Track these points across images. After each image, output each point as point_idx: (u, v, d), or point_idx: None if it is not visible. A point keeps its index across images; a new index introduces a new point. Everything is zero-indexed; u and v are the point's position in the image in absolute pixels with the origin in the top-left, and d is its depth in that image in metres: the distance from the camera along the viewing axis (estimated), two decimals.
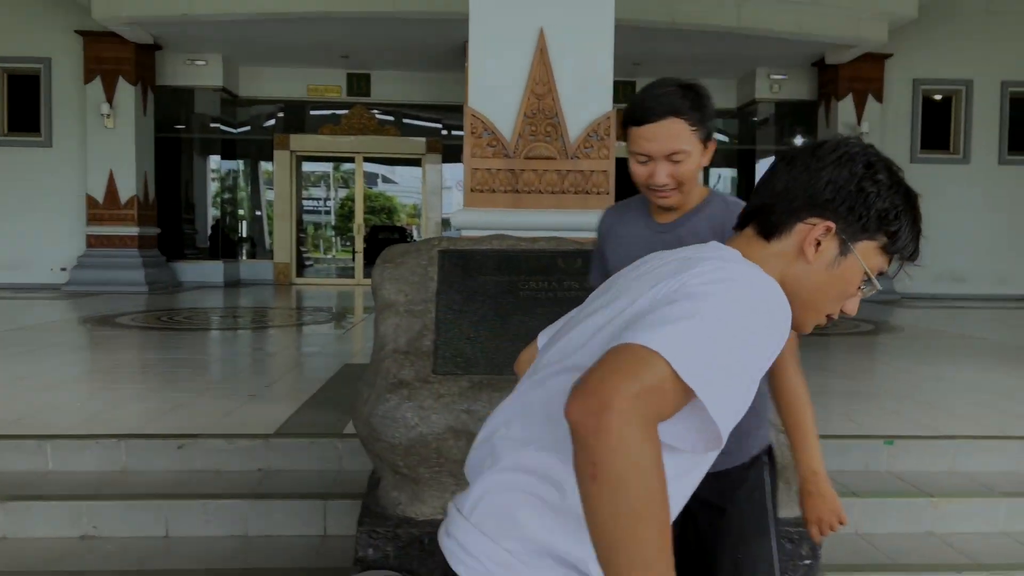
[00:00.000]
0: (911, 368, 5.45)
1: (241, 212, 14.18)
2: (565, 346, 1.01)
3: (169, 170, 12.95)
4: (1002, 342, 7.18)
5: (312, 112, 13.82)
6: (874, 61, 12.08)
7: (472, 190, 3.88)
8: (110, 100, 11.72)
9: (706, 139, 1.55)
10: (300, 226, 15.64)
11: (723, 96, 13.79)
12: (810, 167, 1.02)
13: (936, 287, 12.28)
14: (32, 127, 12.22)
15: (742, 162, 14.00)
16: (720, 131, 14.08)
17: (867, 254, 1.01)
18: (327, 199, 27.10)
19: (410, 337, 2.42)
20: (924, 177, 12.37)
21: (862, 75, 12.21)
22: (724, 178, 14.53)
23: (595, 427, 0.73)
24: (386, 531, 2.23)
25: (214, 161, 13.64)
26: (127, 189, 11.99)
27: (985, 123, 12.76)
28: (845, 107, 12.34)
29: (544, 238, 2.85)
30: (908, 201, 1.02)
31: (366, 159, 14.50)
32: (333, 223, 26.90)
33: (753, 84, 13.05)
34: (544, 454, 0.95)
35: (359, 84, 13.71)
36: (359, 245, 14.31)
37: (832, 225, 1.00)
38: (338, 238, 26.22)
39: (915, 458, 3.44)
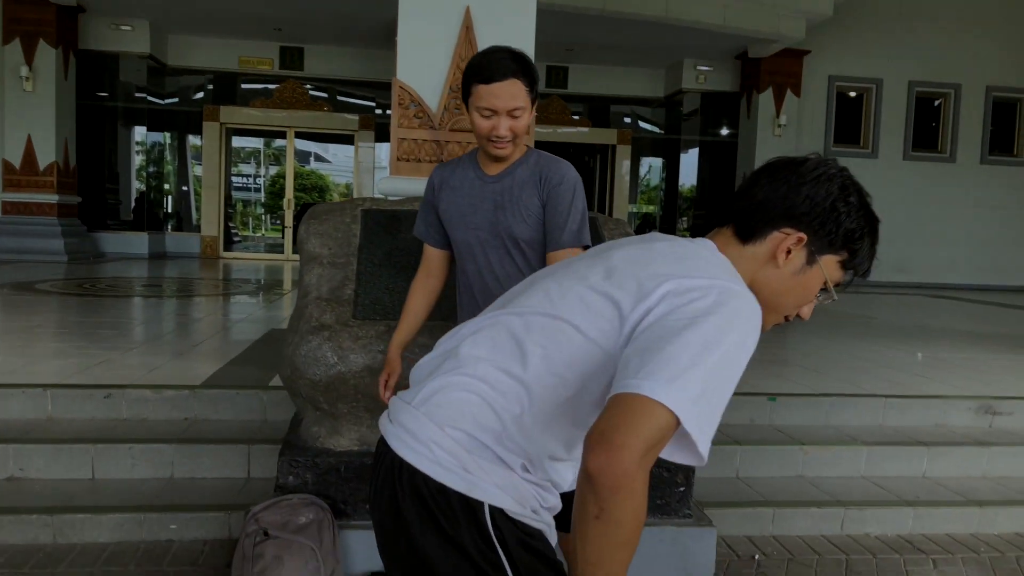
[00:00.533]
0: (803, 339, 5.91)
1: (167, 185, 13.90)
2: (554, 295, 1.09)
3: (92, 138, 12.60)
4: (886, 321, 7.80)
5: (243, 85, 13.64)
6: (793, 57, 12.68)
7: (398, 159, 4.06)
8: (30, 63, 11.32)
9: (534, 100, 1.85)
10: (229, 201, 15.42)
11: (652, 85, 14.22)
12: (791, 182, 1.11)
13: None
14: None
15: (668, 151, 14.46)
16: (648, 120, 14.52)
17: (829, 267, 1.12)
18: (257, 176, 26.63)
19: (332, 286, 2.62)
20: None
21: (782, 69, 12.81)
22: (654, 167, 14.97)
23: (613, 485, 0.84)
24: (305, 460, 2.44)
25: (140, 131, 13.30)
26: (46, 155, 11.63)
27: (893, 120, 13.54)
28: (765, 100, 12.92)
29: None
30: (871, 224, 1.14)
31: (298, 134, 14.38)
32: (263, 200, 26.47)
33: (680, 75, 13.50)
34: (502, 375, 1.04)
35: (292, 58, 13.59)
36: (288, 220, 14.22)
37: (804, 237, 1.10)
38: (268, 216, 25.82)
39: (795, 413, 3.81)
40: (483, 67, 1.79)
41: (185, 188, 14.10)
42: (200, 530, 2.86)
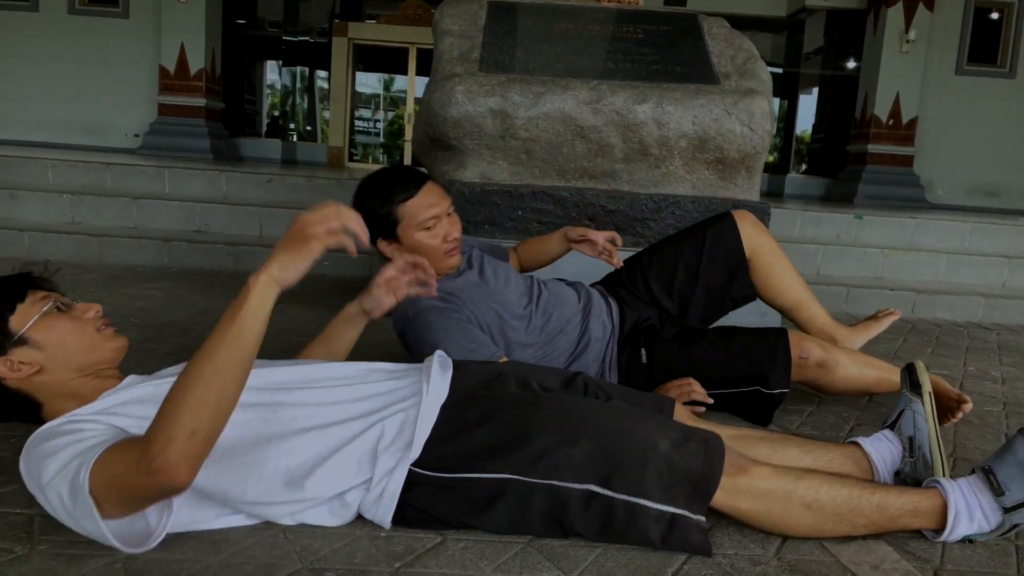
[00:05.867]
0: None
1: (299, 99, 14.92)
2: None
3: (234, 49, 13.67)
4: None
5: (370, 1, 14.37)
6: None
7: None
8: None
9: None
10: (354, 116, 16.33)
11: (774, 4, 13.88)
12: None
13: (968, 200, 12.50)
14: None
15: (786, 89, 14.04)
16: (766, 60, 14.13)
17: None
18: (376, 121, 27.82)
19: (462, 51, 3.09)
20: (968, 90, 12.61)
21: None
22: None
23: None
24: None
25: (277, 46, 14.32)
26: (196, 62, 12.74)
27: None
28: (894, 14, 12.39)
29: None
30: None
31: (420, 50, 15.01)
32: (381, 141, 27.74)
33: None
34: None
35: None
36: (409, 134, 14.97)
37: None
38: (385, 156, 27.08)
39: (879, 230, 4.04)
40: (398, 183, 1.62)
41: (314, 102, 15.11)
42: (347, 269, 3.47)
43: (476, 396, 1.21)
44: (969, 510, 1.15)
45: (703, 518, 1.11)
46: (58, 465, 0.94)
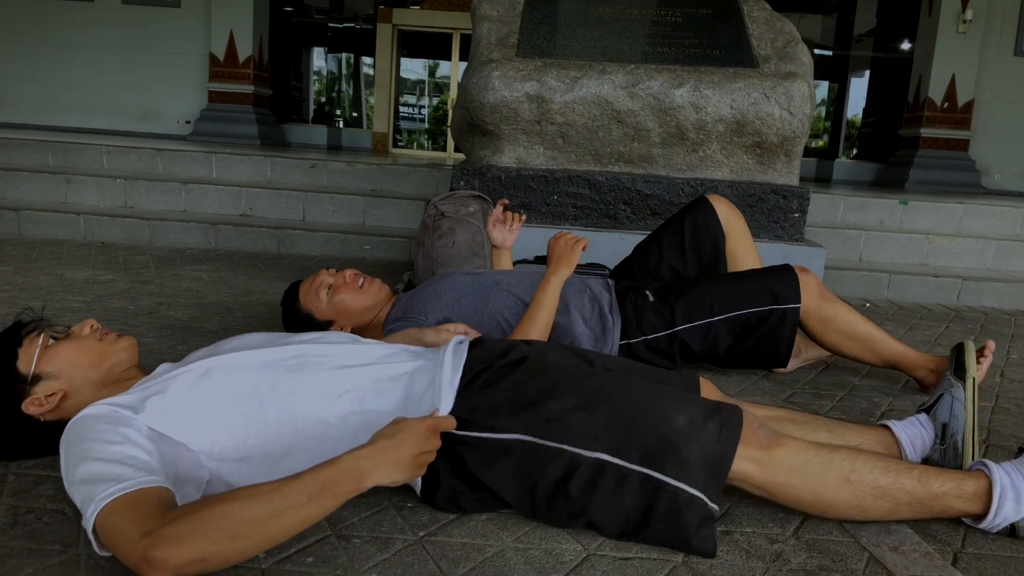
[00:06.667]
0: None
1: (344, 86, 15.10)
2: None
3: (281, 36, 13.87)
4: None
5: None
6: None
7: None
8: None
9: None
10: (398, 102, 16.45)
11: None
12: None
13: None
14: None
15: (836, 72, 13.67)
16: (815, 42, 13.75)
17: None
18: (421, 106, 27.96)
19: (500, 36, 3.11)
20: None
21: None
22: (820, 91, 14.25)
23: None
24: (474, 170, 2.98)
25: (323, 33, 14.51)
26: (244, 49, 12.97)
27: None
28: None
29: None
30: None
31: (463, 35, 15.02)
32: (426, 127, 27.88)
33: None
34: None
35: None
36: (452, 119, 15.05)
37: None
38: (430, 141, 27.24)
39: (926, 216, 3.94)
40: (284, 303, 1.79)
41: (359, 88, 15.28)
42: (387, 252, 3.53)
43: (498, 360, 1.22)
44: (1015, 489, 1.11)
45: (716, 507, 1.07)
46: (78, 477, 0.93)
